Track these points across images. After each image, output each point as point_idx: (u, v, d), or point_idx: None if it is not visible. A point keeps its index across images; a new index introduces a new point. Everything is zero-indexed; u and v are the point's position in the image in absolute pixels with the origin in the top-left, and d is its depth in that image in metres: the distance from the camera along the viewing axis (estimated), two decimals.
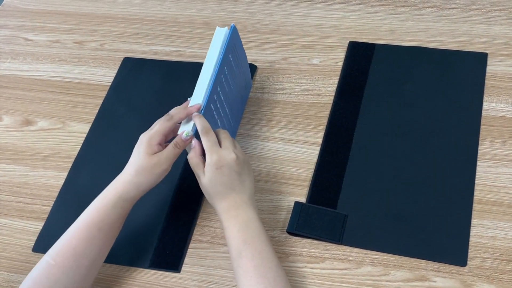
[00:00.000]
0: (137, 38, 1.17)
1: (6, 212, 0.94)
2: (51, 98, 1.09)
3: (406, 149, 0.90)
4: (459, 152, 0.88)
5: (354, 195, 0.87)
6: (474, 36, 1.04)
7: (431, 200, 0.84)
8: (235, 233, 0.75)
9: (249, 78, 1.00)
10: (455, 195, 0.84)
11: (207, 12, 1.19)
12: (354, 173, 0.89)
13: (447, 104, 0.94)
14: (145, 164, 0.77)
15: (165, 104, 0.84)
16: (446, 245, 0.80)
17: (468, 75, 0.98)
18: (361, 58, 1.04)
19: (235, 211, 0.76)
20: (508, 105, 0.94)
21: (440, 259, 0.79)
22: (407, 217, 0.83)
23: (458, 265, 0.79)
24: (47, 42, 1.20)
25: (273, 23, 1.14)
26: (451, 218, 0.82)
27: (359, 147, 0.92)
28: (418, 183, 0.86)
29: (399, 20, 1.10)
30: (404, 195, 0.86)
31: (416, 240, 0.81)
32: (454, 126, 0.91)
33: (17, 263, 0.89)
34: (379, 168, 0.89)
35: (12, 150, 1.02)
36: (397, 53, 1.03)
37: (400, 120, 0.94)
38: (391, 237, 0.82)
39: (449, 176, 0.86)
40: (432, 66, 1.00)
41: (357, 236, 0.83)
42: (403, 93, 0.97)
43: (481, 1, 1.10)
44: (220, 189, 0.77)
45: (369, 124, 0.94)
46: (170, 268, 0.84)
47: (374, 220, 0.84)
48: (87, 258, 0.76)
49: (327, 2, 1.16)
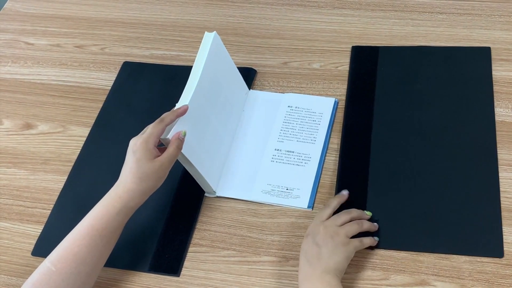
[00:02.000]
0: (137, 42, 1.17)
1: (6, 216, 0.94)
2: (52, 102, 1.09)
3: (424, 147, 0.91)
4: (476, 147, 0.89)
5: (381, 198, 0.87)
6: (474, 41, 1.05)
7: (457, 195, 0.85)
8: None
9: (242, 82, 1.01)
10: (480, 188, 0.85)
11: (207, 17, 1.19)
12: (378, 176, 0.89)
13: (458, 100, 0.95)
14: (149, 170, 0.77)
15: (165, 108, 0.84)
16: (480, 238, 0.80)
17: (474, 69, 0.98)
18: (366, 61, 1.04)
19: (304, 283, 0.75)
20: (508, 110, 0.94)
21: (477, 253, 0.79)
22: (436, 215, 0.83)
23: (496, 257, 0.79)
24: (48, 46, 1.20)
25: (274, 27, 1.15)
26: (481, 212, 0.83)
27: (379, 150, 0.92)
28: (441, 180, 0.87)
29: (399, 25, 1.10)
30: (429, 193, 0.86)
31: (450, 236, 0.81)
32: (468, 121, 0.92)
33: (17, 266, 0.88)
34: (401, 168, 0.89)
35: (12, 154, 1.02)
36: (401, 54, 1.04)
37: (414, 120, 0.94)
38: (423, 235, 0.82)
39: (470, 169, 0.87)
40: (437, 63, 1.01)
41: (391, 238, 0.82)
42: (413, 92, 0.98)
43: (480, 6, 1.11)
44: (301, 254, 0.77)
45: (385, 126, 0.94)
46: (169, 272, 0.84)
47: (405, 221, 0.84)
48: (88, 265, 0.76)
49: (327, 7, 1.16)
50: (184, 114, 0.80)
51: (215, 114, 0.91)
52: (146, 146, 0.77)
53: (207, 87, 0.87)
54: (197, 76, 0.84)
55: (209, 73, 0.87)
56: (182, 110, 0.80)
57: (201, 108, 0.85)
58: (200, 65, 0.85)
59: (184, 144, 0.80)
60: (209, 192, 0.92)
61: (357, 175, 0.89)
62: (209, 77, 0.87)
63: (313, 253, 0.75)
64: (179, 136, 0.79)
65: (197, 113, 0.84)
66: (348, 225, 0.79)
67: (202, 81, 0.85)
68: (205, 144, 0.88)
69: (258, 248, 0.85)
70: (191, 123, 0.82)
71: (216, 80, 0.90)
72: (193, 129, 0.83)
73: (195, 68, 0.86)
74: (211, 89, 0.88)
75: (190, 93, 0.83)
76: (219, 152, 0.93)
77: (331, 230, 0.77)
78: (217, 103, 0.91)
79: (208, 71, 0.86)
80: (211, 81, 0.88)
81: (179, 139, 0.79)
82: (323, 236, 0.76)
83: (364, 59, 1.04)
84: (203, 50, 0.87)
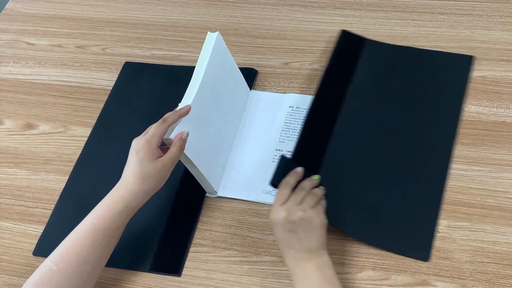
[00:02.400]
0: (138, 43, 1.17)
1: (7, 216, 0.94)
2: (53, 102, 1.10)
3: (384, 142, 0.92)
4: (433, 151, 0.90)
5: (333, 185, 0.86)
6: (475, 41, 1.05)
7: (401, 195, 0.86)
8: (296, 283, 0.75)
9: (243, 82, 1.01)
10: (425, 193, 0.86)
11: (208, 17, 1.19)
12: (332, 163, 0.90)
13: (426, 101, 0.96)
14: (151, 171, 0.77)
15: (166, 108, 0.84)
16: (411, 239, 0.82)
17: (451, 74, 1.00)
18: (350, 49, 1.05)
19: (295, 269, 0.75)
20: (509, 110, 0.94)
21: (403, 253, 0.81)
22: (379, 208, 0.85)
23: (421, 260, 0.80)
24: (49, 46, 1.20)
25: (275, 28, 1.15)
26: (419, 215, 0.84)
27: (339, 139, 0.93)
28: (393, 176, 0.88)
29: (400, 26, 1.10)
30: (378, 187, 0.87)
31: (384, 231, 0.83)
32: (431, 126, 0.93)
33: (18, 266, 0.89)
34: (357, 160, 0.91)
35: (13, 154, 1.02)
36: (386, 50, 1.05)
37: (380, 115, 0.95)
38: (361, 223, 0.84)
39: (421, 174, 0.88)
40: (417, 65, 1.02)
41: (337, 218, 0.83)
42: (386, 88, 0.99)
43: (481, 7, 1.11)
44: (280, 245, 0.77)
45: (350, 117, 0.96)
46: (170, 272, 0.84)
47: (347, 205, 0.86)
48: (89, 264, 0.76)
49: (329, 8, 1.17)
50: (186, 114, 0.80)
51: (217, 115, 0.91)
52: (149, 146, 0.77)
53: (210, 87, 0.87)
54: (200, 76, 0.84)
55: (211, 73, 0.87)
56: (185, 110, 0.80)
57: (203, 108, 0.85)
58: (203, 65, 0.86)
59: (187, 144, 0.80)
60: (210, 192, 0.92)
61: (313, 153, 0.90)
62: (211, 77, 0.87)
63: (292, 239, 0.75)
64: (182, 137, 0.79)
65: (199, 113, 0.84)
66: (307, 199, 0.78)
67: (205, 81, 0.85)
68: (207, 144, 0.88)
69: (259, 248, 0.85)
70: (194, 123, 0.83)
71: (218, 80, 0.90)
72: (195, 129, 0.83)
73: (198, 68, 0.86)
74: (213, 89, 0.89)
75: (193, 93, 0.83)
76: (221, 152, 0.94)
77: (296, 211, 0.75)
78: (219, 104, 0.91)
79: (211, 71, 0.87)
80: (214, 81, 0.88)
81: (182, 139, 0.79)
82: (292, 220, 0.75)
83: (349, 47, 1.06)
84: (206, 50, 0.87)
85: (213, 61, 0.87)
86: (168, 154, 0.78)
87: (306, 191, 0.79)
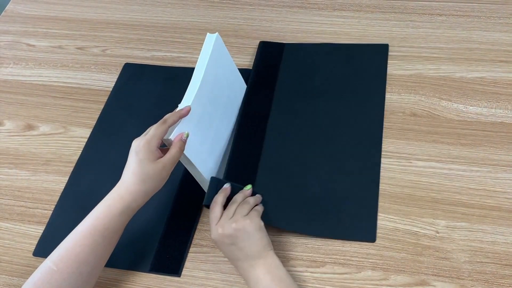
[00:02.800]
0: (138, 44, 1.17)
1: (7, 216, 0.95)
2: (53, 103, 1.10)
3: (316, 136, 0.95)
4: (363, 138, 0.94)
5: (270, 181, 0.90)
6: (473, 42, 1.05)
7: (341, 185, 0.89)
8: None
9: (242, 84, 1.01)
10: (362, 178, 0.89)
11: (208, 18, 1.20)
12: (269, 162, 0.93)
13: (352, 94, 1.00)
14: (151, 172, 0.77)
15: (165, 109, 0.84)
16: (356, 223, 0.85)
17: (371, 65, 1.03)
18: (271, 56, 1.08)
19: (247, 277, 0.77)
20: (508, 111, 0.94)
21: (351, 237, 0.84)
22: (320, 200, 0.88)
23: (368, 241, 0.83)
24: (49, 48, 1.20)
25: (274, 29, 1.15)
26: (360, 200, 0.87)
27: (273, 137, 0.96)
28: (328, 167, 0.91)
29: (399, 27, 1.11)
30: (316, 180, 0.90)
31: (330, 222, 0.86)
32: (358, 114, 0.97)
33: (18, 267, 0.89)
34: (292, 156, 0.93)
35: (14, 155, 1.03)
36: (306, 50, 1.08)
37: (309, 111, 0.99)
38: (307, 219, 0.86)
39: (356, 162, 0.91)
40: (337, 60, 1.05)
41: (275, 217, 0.85)
42: (312, 86, 1.02)
43: (480, 8, 1.11)
44: (229, 261, 0.80)
45: (282, 115, 0.99)
46: (170, 272, 0.85)
47: (290, 204, 0.88)
48: (89, 265, 0.76)
49: (328, 9, 1.17)
50: (186, 115, 0.81)
51: (216, 115, 0.91)
52: (149, 147, 0.77)
53: (209, 88, 0.87)
54: (200, 77, 0.85)
55: (211, 74, 0.87)
56: (184, 111, 0.81)
57: (203, 109, 0.86)
58: (203, 66, 0.86)
59: (186, 145, 0.80)
60: None
61: (248, 161, 0.93)
62: (211, 78, 0.87)
63: (235, 251, 0.77)
64: (182, 138, 0.79)
65: (199, 114, 0.84)
66: (238, 209, 0.80)
67: (205, 82, 0.85)
68: (206, 145, 0.88)
69: None
70: (193, 124, 0.83)
71: (218, 81, 0.90)
72: (195, 130, 0.83)
73: (197, 69, 0.86)
74: (213, 90, 0.89)
75: (193, 94, 0.83)
76: (220, 153, 0.94)
77: (229, 224, 0.77)
78: (219, 104, 0.91)
79: (210, 72, 0.87)
80: (213, 82, 0.89)
81: (182, 140, 0.79)
82: (228, 233, 0.77)
83: (270, 53, 1.09)
84: (205, 51, 0.88)
85: (212, 62, 0.87)
86: (168, 155, 0.78)
87: (238, 203, 0.81)
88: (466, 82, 1.00)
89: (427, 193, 0.87)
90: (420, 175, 0.89)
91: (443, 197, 0.86)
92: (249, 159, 0.93)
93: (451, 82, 1.00)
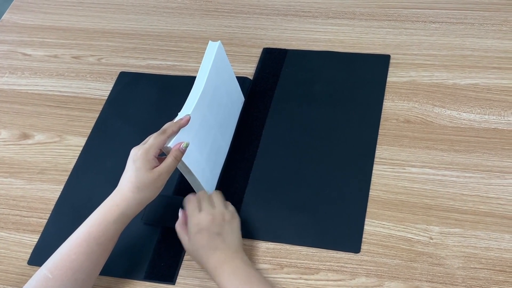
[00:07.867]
0: (134, 53, 1.18)
1: (2, 225, 0.95)
2: (48, 112, 1.10)
3: (311, 145, 0.96)
4: (358, 150, 0.94)
5: (260, 190, 0.91)
6: (467, 49, 1.06)
7: (329, 194, 0.89)
8: (224, 285, 0.76)
9: (239, 92, 1.01)
10: (352, 190, 0.89)
11: (203, 27, 1.20)
12: (261, 170, 0.94)
13: (350, 102, 1.00)
14: (147, 180, 0.77)
15: (161, 118, 0.85)
16: (343, 234, 0.85)
17: (371, 75, 1.04)
18: (273, 62, 1.09)
19: (221, 267, 0.77)
20: (501, 117, 0.95)
21: (336, 247, 0.84)
22: (310, 209, 0.88)
23: (352, 252, 0.83)
24: (45, 57, 1.21)
25: (269, 37, 1.16)
26: (348, 211, 0.87)
27: (267, 144, 0.97)
28: (320, 176, 0.91)
29: (392, 34, 1.11)
30: (307, 188, 0.90)
31: (315, 231, 0.86)
32: (355, 124, 0.97)
33: (13, 276, 0.89)
34: (285, 163, 0.94)
35: (9, 164, 1.03)
36: (307, 57, 1.09)
37: (305, 119, 0.99)
38: (296, 228, 0.87)
39: (348, 171, 0.91)
40: (339, 68, 1.06)
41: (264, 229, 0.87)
42: (311, 94, 1.03)
43: (473, 15, 1.12)
44: (203, 251, 0.79)
45: (277, 123, 1.00)
46: (165, 280, 0.85)
47: (280, 213, 0.89)
48: (84, 272, 0.76)
49: (322, 17, 1.18)
50: (186, 124, 0.81)
51: (215, 124, 0.91)
52: (146, 156, 0.78)
53: (210, 96, 0.87)
54: (201, 86, 0.84)
55: (212, 83, 0.87)
56: (184, 121, 0.81)
57: (203, 118, 0.86)
58: (204, 74, 0.85)
59: (186, 153, 0.80)
60: None
61: (240, 168, 0.94)
62: (212, 86, 0.87)
63: (217, 241, 0.78)
64: (180, 147, 0.80)
65: (199, 122, 0.84)
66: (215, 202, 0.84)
67: (206, 91, 0.85)
68: (205, 153, 0.88)
69: (253, 256, 0.85)
70: (193, 132, 0.83)
71: (217, 89, 0.90)
72: (194, 138, 0.83)
73: (199, 77, 0.86)
74: (213, 98, 0.89)
75: (194, 102, 0.83)
76: (218, 161, 0.94)
77: (218, 214, 0.81)
78: (218, 113, 0.91)
79: (211, 81, 0.87)
80: (213, 90, 0.88)
81: (179, 150, 0.80)
82: (218, 222, 0.80)
83: (272, 60, 1.09)
84: (208, 59, 0.87)
85: (214, 70, 0.87)
86: (164, 164, 0.79)
87: (207, 196, 0.84)
88: (460, 88, 1.00)
89: (420, 200, 0.87)
90: (414, 181, 0.89)
91: (437, 203, 0.86)
92: (240, 171, 0.94)
93: (445, 88, 1.01)
